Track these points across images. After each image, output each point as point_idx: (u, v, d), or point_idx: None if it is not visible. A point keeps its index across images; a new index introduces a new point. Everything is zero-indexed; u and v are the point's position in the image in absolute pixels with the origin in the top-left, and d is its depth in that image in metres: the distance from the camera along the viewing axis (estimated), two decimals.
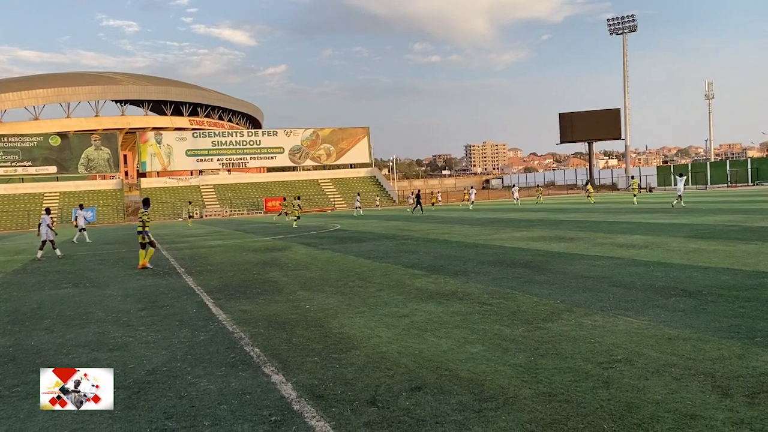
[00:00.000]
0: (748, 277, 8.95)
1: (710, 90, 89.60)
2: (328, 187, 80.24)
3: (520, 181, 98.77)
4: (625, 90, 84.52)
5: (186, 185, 77.07)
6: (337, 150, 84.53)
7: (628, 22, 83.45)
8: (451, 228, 24.59)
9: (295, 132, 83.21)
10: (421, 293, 9.30)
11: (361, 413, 4.38)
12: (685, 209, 27.88)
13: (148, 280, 12.86)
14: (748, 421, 3.83)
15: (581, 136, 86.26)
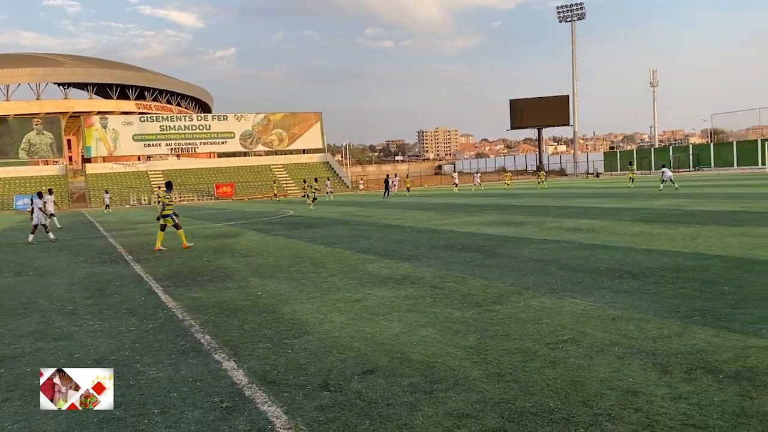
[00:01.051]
0: (688, 259, 9.31)
1: (654, 78, 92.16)
2: (280, 172, 79.43)
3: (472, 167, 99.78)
4: (574, 77, 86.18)
5: (133, 171, 75.13)
6: (289, 135, 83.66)
7: (576, 10, 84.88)
8: (404, 213, 24.72)
9: (246, 117, 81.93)
10: (373, 278, 9.34)
11: (313, 397, 4.39)
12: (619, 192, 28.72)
13: (95, 268, 12.53)
14: (685, 396, 4.00)
15: (531, 122, 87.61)
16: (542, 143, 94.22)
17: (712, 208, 18.41)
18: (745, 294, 6.78)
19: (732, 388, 4.10)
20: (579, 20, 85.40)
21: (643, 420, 3.67)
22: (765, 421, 3.55)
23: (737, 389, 4.06)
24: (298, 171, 79.64)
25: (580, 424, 3.67)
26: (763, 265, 8.47)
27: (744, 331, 5.35)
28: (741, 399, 3.90)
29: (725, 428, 3.50)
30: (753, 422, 3.55)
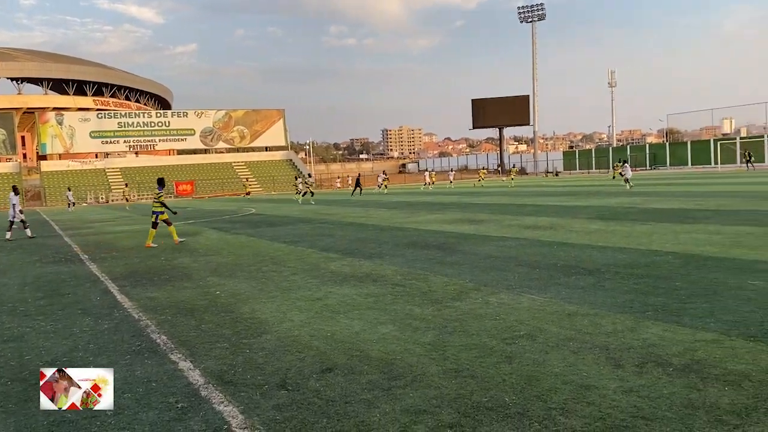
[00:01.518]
0: (642, 256, 9.54)
1: (613, 78, 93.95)
2: (242, 170, 78.58)
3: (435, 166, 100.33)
4: (534, 77, 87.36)
5: (91, 168, 73.40)
6: (251, 132, 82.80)
7: (537, 11, 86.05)
8: (367, 211, 24.73)
9: (206, 113, 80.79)
10: (335, 276, 9.32)
11: (271, 396, 4.36)
12: (578, 190, 29.27)
13: (49, 268, 12.21)
14: (636, 389, 4.10)
15: (493, 121, 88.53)
16: (503, 142, 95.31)
17: (667, 206, 18.89)
18: (696, 289, 6.98)
19: (681, 380, 4.21)
20: (539, 21, 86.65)
21: (596, 413, 3.75)
22: (710, 412, 3.67)
23: (685, 382, 4.18)
24: (260, 169, 78.92)
25: (534, 418, 3.73)
26: (713, 261, 8.73)
27: (693, 326, 5.51)
28: (689, 391, 4.01)
29: (673, 420, 3.60)
30: (699, 413, 3.66)
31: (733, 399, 3.84)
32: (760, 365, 4.41)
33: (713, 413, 3.65)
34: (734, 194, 22.31)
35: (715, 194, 23.01)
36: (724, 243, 10.32)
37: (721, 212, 15.71)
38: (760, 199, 19.17)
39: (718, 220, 13.78)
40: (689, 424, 3.52)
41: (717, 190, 25.31)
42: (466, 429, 3.64)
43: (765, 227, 12.08)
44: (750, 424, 3.49)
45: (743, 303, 6.22)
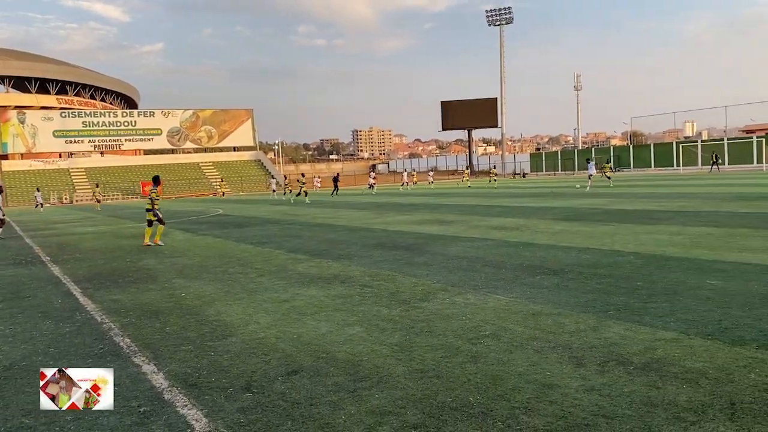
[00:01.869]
0: (605, 256, 9.71)
1: (579, 81, 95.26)
2: (210, 170, 77.72)
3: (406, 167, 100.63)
4: (502, 80, 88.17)
5: (54, 168, 71.82)
6: (219, 132, 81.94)
7: (505, 14, 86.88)
8: (336, 212, 24.69)
9: (173, 113, 79.71)
10: (303, 278, 9.28)
11: (235, 399, 4.33)
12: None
13: (9, 270, 11.91)
14: (597, 388, 4.18)
15: (461, 123, 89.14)
16: (472, 144, 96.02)
17: (630, 207, 19.26)
18: (656, 289, 7.13)
19: (641, 378, 4.30)
20: (507, 24, 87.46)
21: (558, 412, 3.80)
22: (669, 409, 3.75)
23: (645, 380, 4.27)
24: (228, 169, 78.17)
25: (498, 417, 3.77)
26: (674, 261, 8.93)
27: (654, 325, 5.63)
28: (648, 389, 4.10)
29: (633, 417, 3.67)
30: (658, 411, 3.74)
31: (690, 396, 3.94)
32: (716, 363, 4.53)
33: (671, 410, 3.74)
34: (695, 196, 22.84)
35: (676, 196, 23.52)
36: (685, 243, 10.56)
37: (683, 213, 16.07)
38: (719, 201, 19.67)
39: (680, 221, 14.10)
40: (648, 421, 3.60)
41: (679, 192, 25.88)
42: (430, 429, 3.66)
43: (724, 228, 12.40)
44: (706, 420, 3.58)
45: (702, 302, 6.38)
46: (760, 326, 5.39)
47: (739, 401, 3.82)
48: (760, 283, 7.14)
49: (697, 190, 26.81)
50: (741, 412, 3.66)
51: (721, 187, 28.16)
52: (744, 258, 8.83)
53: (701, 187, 29.09)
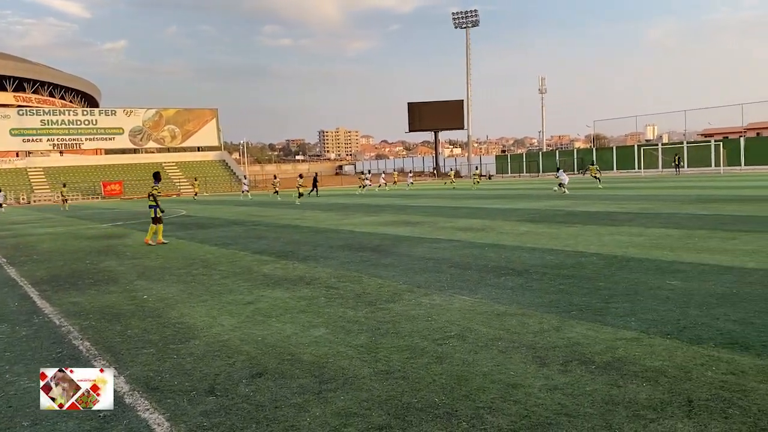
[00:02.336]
0: (569, 257, 9.85)
1: (543, 85, 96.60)
2: (173, 170, 76.56)
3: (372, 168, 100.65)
4: (468, 82, 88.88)
5: (11, 168, 69.86)
6: (182, 132, 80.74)
7: (471, 17, 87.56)
8: (302, 213, 24.56)
9: (136, 112, 78.27)
10: (268, 279, 9.20)
11: (198, 403, 4.26)
12: (508, 193, 30.04)
13: None
14: (560, 387, 4.23)
15: (428, 125, 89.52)
16: (439, 146, 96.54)
17: (593, 209, 19.59)
18: (618, 289, 7.26)
19: (602, 377, 4.37)
20: (473, 27, 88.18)
21: (522, 411, 3.84)
22: (629, 407, 3.82)
23: (607, 379, 4.35)
24: (192, 169, 77.07)
25: (463, 417, 3.79)
26: (635, 262, 9.11)
27: (615, 324, 5.73)
28: (610, 388, 4.17)
29: (594, 416, 3.73)
30: (619, 409, 3.81)
31: (650, 394, 4.01)
32: (675, 362, 4.63)
33: (632, 408, 3.80)
34: (656, 198, 23.35)
35: (638, 198, 24.01)
36: (645, 245, 10.79)
37: (643, 215, 16.41)
38: (679, 203, 20.15)
39: (641, 223, 14.39)
40: (609, 419, 3.66)
41: (640, 194, 26.43)
42: (395, 430, 3.66)
43: (683, 230, 12.70)
44: (665, 417, 3.65)
45: (662, 302, 6.51)
46: (717, 325, 5.53)
47: (696, 398, 3.91)
48: (718, 283, 7.33)
49: (657, 192, 27.42)
50: (698, 409, 3.75)
51: (680, 189, 28.85)
52: (702, 259, 9.06)
53: (661, 189, 29.75)
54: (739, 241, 10.60)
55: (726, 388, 4.07)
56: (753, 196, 21.47)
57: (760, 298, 6.49)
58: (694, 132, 77.41)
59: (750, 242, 10.44)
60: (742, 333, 5.26)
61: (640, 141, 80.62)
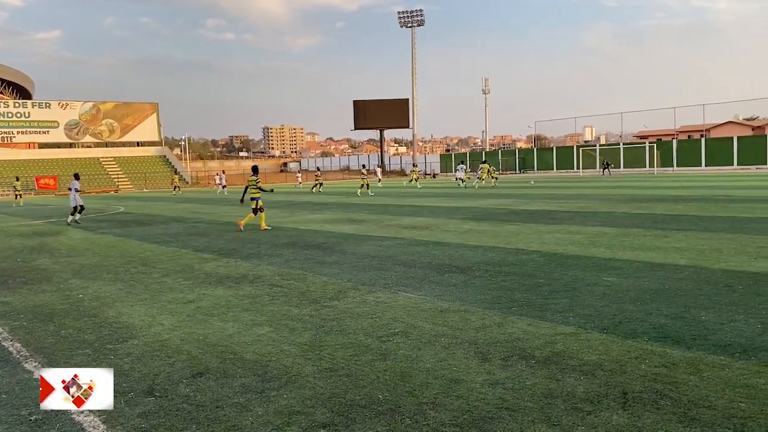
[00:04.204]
0: (510, 254, 10.05)
1: (487, 85, 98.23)
2: (111, 166, 74.19)
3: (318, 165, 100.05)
4: (413, 81, 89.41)
5: None
6: (121, 126, 78.29)
7: (416, 16, 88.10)
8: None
9: (72, 105, 75.44)
10: (210, 277, 9.04)
11: (137, 404, 4.15)
12: (464, 192, 30.45)
13: None
14: (501, 382, 4.31)
15: (374, 123, 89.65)
16: (384, 144, 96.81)
17: (533, 207, 20.05)
18: (557, 286, 7.45)
19: (542, 372, 4.48)
20: (419, 26, 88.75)
21: (464, 406, 3.89)
22: (567, 401, 3.93)
23: (546, 373, 4.45)
24: (131, 165, 74.92)
25: (406, 413, 3.81)
26: (573, 259, 9.37)
27: (554, 320, 5.88)
28: (549, 381, 4.28)
29: (534, 409, 3.81)
30: (558, 402, 3.91)
31: (587, 387, 4.14)
32: (611, 355, 4.79)
33: (570, 401, 3.91)
34: (593, 197, 24.08)
35: (576, 197, 24.70)
36: (584, 242, 11.11)
37: (582, 214, 16.90)
38: (615, 202, 20.83)
39: (579, 221, 14.81)
40: (548, 413, 3.75)
41: (579, 194, 27.20)
42: (339, 428, 3.65)
43: (619, 228, 13.14)
44: (601, 410, 3.77)
45: (598, 298, 6.72)
46: (650, 320, 5.75)
47: (630, 391, 4.05)
48: (651, 279, 7.62)
49: (595, 191, 28.27)
50: (632, 401, 3.89)
51: (616, 189, 29.83)
52: (637, 256, 9.39)
53: (599, 189, 30.69)
54: (671, 239, 11.05)
55: (658, 380, 4.23)
56: (684, 196, 22.41)
57: (691, 293, 6.78)
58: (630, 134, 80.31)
59: (681, 240, 10.89)
60: (673, 327, 5.48)
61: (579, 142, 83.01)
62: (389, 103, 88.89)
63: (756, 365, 4.43)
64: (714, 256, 9.15)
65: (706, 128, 71.58)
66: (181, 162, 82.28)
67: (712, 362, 4.53)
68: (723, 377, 4.22)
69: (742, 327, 5.40)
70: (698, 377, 4.24)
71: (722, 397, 3.88)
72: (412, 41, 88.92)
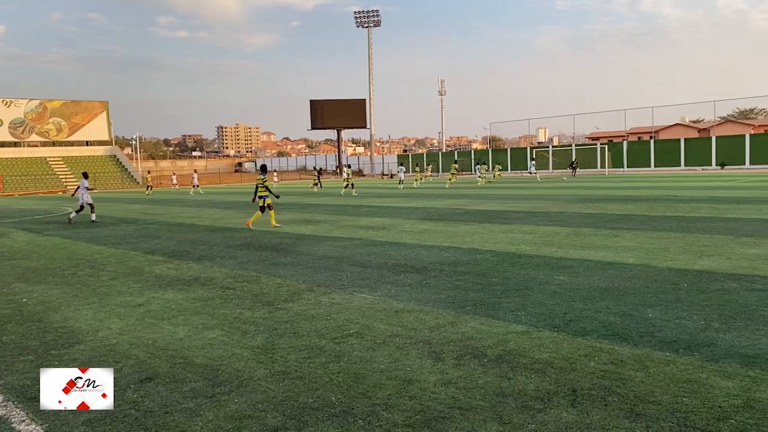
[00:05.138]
0: (465, 254, 10.14)
1: (443, 87, 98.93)
2: (59, 166, 71.98)
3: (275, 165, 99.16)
4: (370, 81, 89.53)
5: None
6: (69, 125, 76.02)
7: (372, 17, 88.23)
8: (200, 211, 23.81)
9: (16, 102, 72.89)
10: (160, 280, 8.84)
11: (81, 412, 4.01)
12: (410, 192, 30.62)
13: None
14: (454, 381, 4.33)
15: (331, 123, 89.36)
16: (341, 144, 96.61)
17: (488, 208, 20.29)
18: (510, 285, 7.55)
19: (494, 370, 4.52)
20: (375, 27, 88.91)
21: (417, 406, 3.90)
22: (518, 399, 3.97)
23: (498, 371, 4.50)
24: (80, 165, 72.80)
25: (359, 415, 3.80)
26: (526, 258, 9.50)
27: (507, 319, 5.95)
28: (501, 380, 4.32)
29: (486, 408, 3.84)
30: (509, 400, 3.95)
31: (538, 385, 4.19)
32: (561, 353, 4.87)
33: (521, 399, 3.96)
34: (546, 197, 24.51)
35: (530, 197, 25.11)
36: (536, 242, 11.29)
37: (534, 214, 17.18)
38: (566, 202, 21.25)
39: (532, 221, 15.05)
40: (499, 411, 3.79)
41: (532, 194, 27.65)
42: (291, 431, 3.61)
43: (570, 227, 13.40)
44: (551, 407, 3.82)
45: (550, 297, 6.83)
46: (600, 318, 5.87)
47: (580, 388, 4.12)
48: (601, 278, 7.79)
49: (548, 192, 28.79)
50: (582, 398, 3.96)
51: (568, 189, 30.44)
52: (587, 255, 9.59)
53: (552, 189, 31.26)
54: (620, 238, 11.32)
55: (606, 377, 4.32)
56: (634, 196, 23.01)
57: (639, 291, 6.96)
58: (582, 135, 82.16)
59: (630, 239, 11.18)
60: (622, 325, 5.61)
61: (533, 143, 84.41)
62: (346, 103, 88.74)
63: (699, 361, 4.57)
64: (661, 254, 9.41)
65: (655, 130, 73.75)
66: (132, 162, 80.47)
67: (658, 358, 4.65)
68: (668, 373, 4.34)
69: (686, 324, 5.56)
70: (645, 373, 4.35)
71: (667, 393, 3.98)
72: (368, 41, 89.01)
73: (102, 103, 79.77)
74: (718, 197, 20.97)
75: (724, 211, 15.95)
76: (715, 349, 4.81)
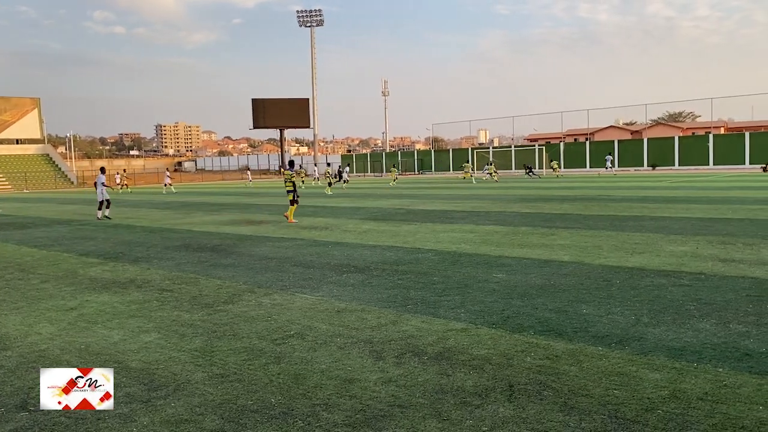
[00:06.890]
0: (407, 253, 10.22)
1: (386, 87, 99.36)
2: None
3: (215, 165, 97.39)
4: (314, 81, 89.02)
5: None
6: None
7: (315, 16, 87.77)
8: (137, 212, 23.16)
9: None
10: (94, 283, 8.56)
11: (8, 420, 3.86)
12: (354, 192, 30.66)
13: None
14: (395, 379, 4.37)
15: (274, 122, 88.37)
16: (284, 144, 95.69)
17: (430, 207, 20.50)
18: (450, 283, 7.66)
19: (434, 368, 4.58)
20: (318, 26, 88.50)
21: (357, 405, 3.91)
22: (457, 395, 4.04)
23: (438, 369, 4.56)
24: (10, 164, 69.71)
25: (299, 416, 3.78)
26: (466, 257, 9.65)
27: (446, 317, 6.03)
28: (440, 377, 4.38)
29: (425, 405, 3.89)
30: (448, 397, 4.01)
31: (476, 381, 4.27)
32: (499, 350, 4.97)
33: (459, 396, 4.02)
34: (486, 197, 24.94)
35: (471, 197, 25.50)
36: (476, 241, 11.48)
37: (475, 214, 17.46)
38: (506, 202, 21.69)
39: (472, 221, 15.30)
40: (438, 408, 3.84)
41: (473, 194, 28.09)
42: None
43: (509, 227, 13.69)
44: (489, 403, 3.90)
45: (488, 294, 6.97)
46: (536, 314, 6.02)
47: (516, 383, 4.22)
48: (538, 275, 7.99)
49: (488, 192, 29.30)
50: (518, 392, 4.05)
51: (508, 190, 31.06)
52: (525, 253, 9.82)
53: (492, 189, 31.83)
54: (557, 237, 11.64)
55: (542, 372, 4.43)
56: (570, 196, 23.68)
57: (573, 288, 7.17)
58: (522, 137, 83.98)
59: (566, 238, 11.50)
60: (557, 320, 5.78)
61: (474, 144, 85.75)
62: (289, 102, 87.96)
63: (629, 354, 4.75)
64: (595, 252, 9.72)
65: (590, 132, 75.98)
66: (66, 161, 77.54)
67: (591, 353, 4.81)
68: (600, 367, 4.49)
69: (618, 319, 5.77)
70: (578, 368, 4.49)
71: (599, 386, 4.12)
72: (311, 40, 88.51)
73: (33, 99, 76.56)
74: (648, 197, 21.82)
75: (654, 210, 16.61)
76: (645, 343, 5.01)
